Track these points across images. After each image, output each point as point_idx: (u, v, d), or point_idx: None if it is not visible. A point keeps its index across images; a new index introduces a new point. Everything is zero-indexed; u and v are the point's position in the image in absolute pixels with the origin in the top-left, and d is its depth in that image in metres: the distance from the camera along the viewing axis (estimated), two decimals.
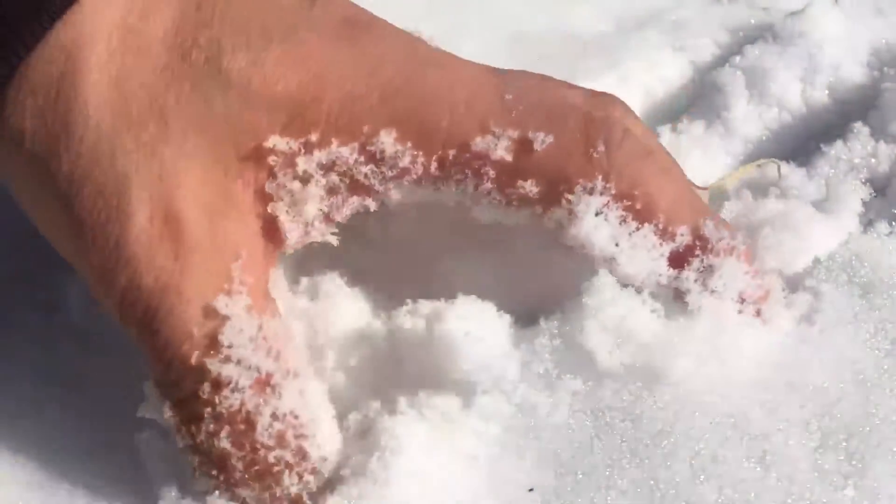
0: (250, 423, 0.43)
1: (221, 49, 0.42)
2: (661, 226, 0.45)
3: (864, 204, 0.56)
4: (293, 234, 0.45)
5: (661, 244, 0.45)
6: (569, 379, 0.44)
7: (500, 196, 0.45)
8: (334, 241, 0.46)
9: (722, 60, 0.66)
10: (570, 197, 0.44)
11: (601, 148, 0.44)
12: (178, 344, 0.42)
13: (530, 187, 0.45)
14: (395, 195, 0.46)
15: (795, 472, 0.43)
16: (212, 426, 0.43)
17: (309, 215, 0.45)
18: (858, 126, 0.60)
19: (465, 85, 0.44)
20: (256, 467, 0.43)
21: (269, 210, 0.44)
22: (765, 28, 0.66)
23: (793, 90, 0.63)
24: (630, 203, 0.45)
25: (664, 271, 0.46)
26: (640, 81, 0.67)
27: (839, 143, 0.60)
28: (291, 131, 0.43)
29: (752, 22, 0.68)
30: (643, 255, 0.45)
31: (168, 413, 0.43)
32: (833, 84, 0.64)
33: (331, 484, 0.44)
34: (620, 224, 0.45)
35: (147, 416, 0.45)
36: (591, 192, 0.44)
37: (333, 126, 0.43)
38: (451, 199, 0.46)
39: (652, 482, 0.42)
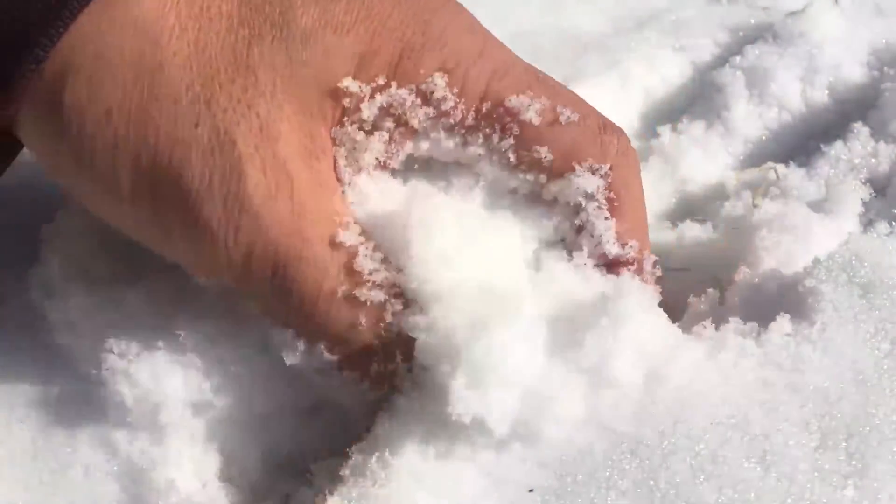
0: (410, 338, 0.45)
1: (292, 3, 0.44)
2: (620, 231, 0.48)
3: (864, 204, 0.56)
4: (345, 178, 0.46)
5: (613, 242, 0.48)
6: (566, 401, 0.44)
7: (514, 156, 0.47)
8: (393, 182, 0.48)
9: (722, 60, 0.66)
10: (575, 166, 0.47)
11: (615, 141, 0.48)
12: (318, 285, 0.43)
13: (545, 154, 0.47)
14: (430, 143, 0.47)
15: (795, 472, 0.43)
16: (382, 354, 0.45)
17: (365, 162, 0.46)
18: (858, 126, 0.60)
19: (506, 52, 0.47)
20: None
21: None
22: (765, 28, 0.66)
23: (793, 90, 0.63)
24: (614, 197, 0.48)
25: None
26: (640, 81, 0.67)
27: (839, 143, 0.60)
28: (360, 77, 0.45)
29: (752, 22, 0.68)
30: (594, 242, 0.48)
31: (327, 355, 0.45)
32: (833, 84, 0.64)
33: (331, 484, 0.44)
34: (597, 208, 0.47)
35: (294, 363, 0.45)
36: (594, 171, 0.47)
37: (393, 71, 0.45)
38: (472, 158, 0.47)
39: (652, 482, 0.42)
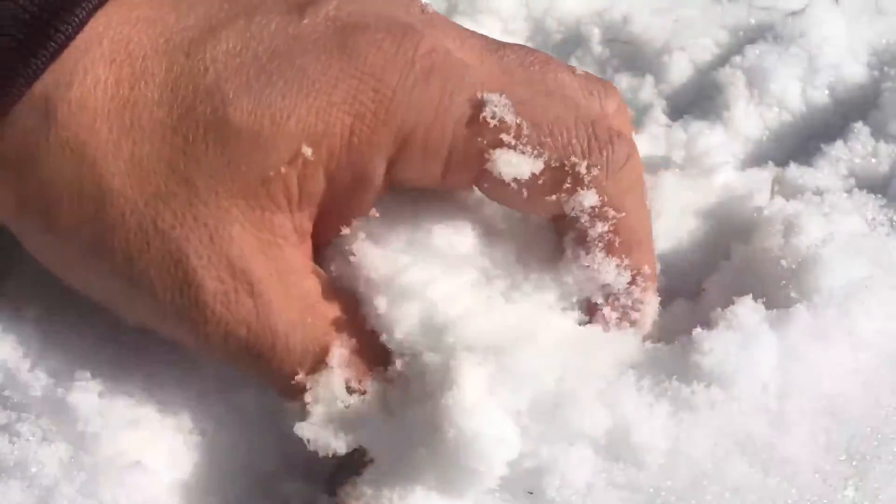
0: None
1: (224, 97, 0.42)
2: (621, 263, 0.46)
3: (865, 204, 0.56)
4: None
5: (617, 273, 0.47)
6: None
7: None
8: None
9: (722, 60, 0.66)
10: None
11: (598, 169, 0.45)
12: (293, 370, 0.44)
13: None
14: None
15: (796, 472, 0.43)
16: None
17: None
18: (858, 126, 0.60)
19: (467, 87, 0.44)
20: None
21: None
22: (765, 28, 0.66)
23: (793, 90, 0.63)
24: (613, 231, 0.46)
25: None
26: None
27: (839, 143, 0.60)
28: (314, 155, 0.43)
29: (752, 22, 0.68)
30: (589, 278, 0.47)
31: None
32: (833, 84, 0.63)
33: (329, 485, 0.44)
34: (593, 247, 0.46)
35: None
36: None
37: (346, 146, 0.43)
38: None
39: (652, 489, 0.42)
